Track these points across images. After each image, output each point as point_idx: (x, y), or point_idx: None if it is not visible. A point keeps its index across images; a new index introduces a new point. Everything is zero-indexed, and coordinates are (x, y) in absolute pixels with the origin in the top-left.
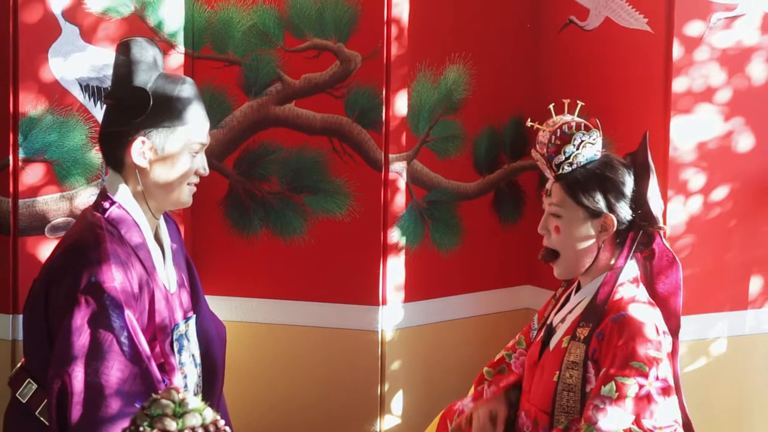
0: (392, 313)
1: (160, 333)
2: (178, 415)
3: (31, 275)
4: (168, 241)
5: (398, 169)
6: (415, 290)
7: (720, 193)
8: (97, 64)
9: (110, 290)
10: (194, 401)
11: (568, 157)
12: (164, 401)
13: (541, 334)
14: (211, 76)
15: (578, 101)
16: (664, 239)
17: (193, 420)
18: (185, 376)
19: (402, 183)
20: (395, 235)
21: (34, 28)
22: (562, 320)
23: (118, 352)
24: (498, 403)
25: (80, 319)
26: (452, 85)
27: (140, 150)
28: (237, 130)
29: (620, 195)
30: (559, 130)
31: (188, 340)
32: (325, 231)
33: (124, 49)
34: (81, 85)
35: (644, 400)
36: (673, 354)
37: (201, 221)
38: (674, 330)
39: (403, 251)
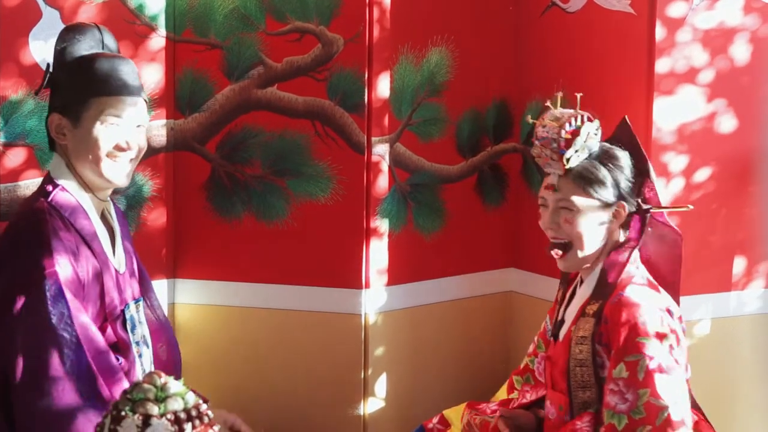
0: (375, 297)
1: (111, 314)
2: (160, 400)
3: None
4: (116, 223)
5: (381, 152)
6: (398, 273)
7: (703, 174)
8: None
9: (51, 276)
10: (176, 385)
11: (578, 150)
12: (146, 385)
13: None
14: (193, 60)
15: (577, 93)
16: (667, 217)
17: (175, 404)
18: (140, 355)
19: (385, 166)
20: (378, 218)
21: (14, 12)
22: (572, 313)
23: (59, 339)
24: (524, 416)
25: (21, 307)
26: (435, 68)
27: (55, 125)
28: (219, 114)
29: (626, 181)
30: (567, 124)
31: (139, 322)
32: (308, 214)
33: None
34: None
35: (655, 372)
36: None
37: (183, 205)
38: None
39: (386, 234)
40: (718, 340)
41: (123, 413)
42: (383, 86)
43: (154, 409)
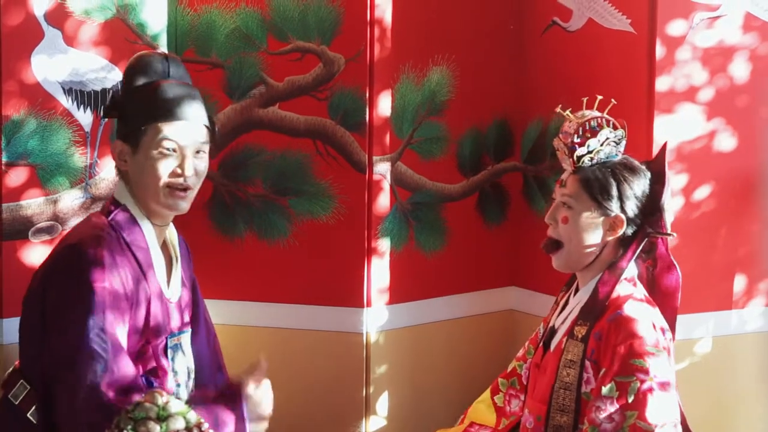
0: (377, 315)
1: (153, 336)
2: (161, 419)
3: (16, 280)
4: (177, 253)
5: (382, 171)
6: (399, 292)
7: (703, 192)
8: (80, 67)
9: (98, 291)
10: (177, 405)
11: (591, 151)
12: (148, 404)
13: (544, 337)
14: (195, 79)
15: (612, 99)
16: (667, 248)
17: (177, 423)
18: (178, 384)
19: (386, 185)
20: (379, 237)
21: (16, 32)
22: (563, 322)
23: (102, 353)
24: None
25: (72, 319)
26: (436, 86)
27: (118, 151)
28: (221, 133)
29: (634, 198)
30: (587, 123)
31: (183, 352)
32: (310, 233)
33: (128, 65)
34: (64, 89)
35: (646, 395)
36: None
37: (185, 224)
38: (671, 328)
39: (388, 253)
40: (719, 359)
41: None
42: (384, 105)
43: (155, 429)
